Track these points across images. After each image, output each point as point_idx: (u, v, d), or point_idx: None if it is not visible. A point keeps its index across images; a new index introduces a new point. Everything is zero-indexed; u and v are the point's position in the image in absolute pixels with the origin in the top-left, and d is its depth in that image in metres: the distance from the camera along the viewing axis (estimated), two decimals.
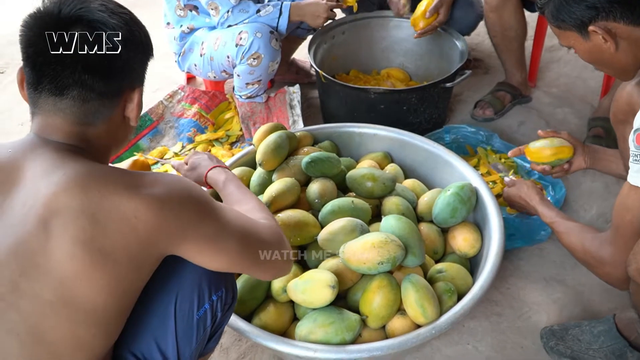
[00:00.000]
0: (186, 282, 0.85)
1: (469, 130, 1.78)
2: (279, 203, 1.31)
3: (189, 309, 0.85)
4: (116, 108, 0.80)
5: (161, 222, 0.74)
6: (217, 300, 0.88)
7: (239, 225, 0.85)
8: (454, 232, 1.34)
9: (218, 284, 0.88)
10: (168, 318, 0.84)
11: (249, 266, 0.87)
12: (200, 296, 0.86)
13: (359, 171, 1.42)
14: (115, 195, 0.72)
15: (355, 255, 1.13)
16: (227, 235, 0.81)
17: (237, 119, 2.01)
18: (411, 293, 1.11)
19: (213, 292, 0.87)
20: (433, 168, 1.53)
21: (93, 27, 0.75)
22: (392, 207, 1.35)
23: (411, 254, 1.16)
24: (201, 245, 0.79)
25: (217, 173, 1.13)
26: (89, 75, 0.75)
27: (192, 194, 0.78)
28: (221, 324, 0.94)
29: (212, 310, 0.88)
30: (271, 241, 0.89)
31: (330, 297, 1.10)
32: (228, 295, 0.91)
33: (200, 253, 0.80)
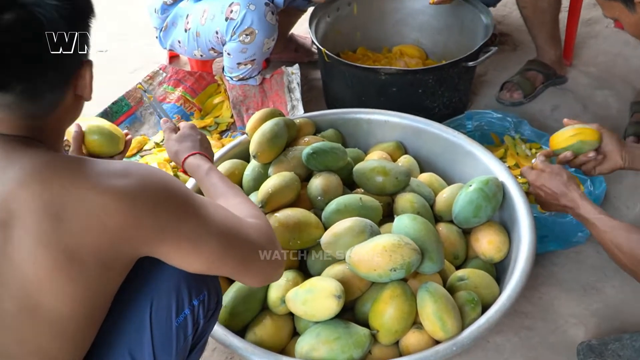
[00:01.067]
0: (162, 284, 0.86)
1: (495, 117, 1.78)
2: (276, 201, 1.30)
3: (166, 316, 0.85)
4: (68, 91, 0.80)
5: (134, 220, 0.74)
6: (198, 305, 0.88)
7: (222, 224, 0.85)
8: (478, 233, 1.34)
9: (199, 287, 0.88)
10: (143, 326, 0.84)
11: (232, 270, 0.87)
12: (179, 301, 0.86)
13: (368, 164, 1.41)
14: (80, 188, 0.72)
15: (364, 261, 1.13)
16: (208, 234, 0.82)
17: (227, 104, 2.00)
18: (428, 304, 1.11)
19: (194, 296, 0.88)
20: (453, 160, 1.52)
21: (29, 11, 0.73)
22: (406, 205, 1.34)
23: (428, 259, 1.16)
24: (179, 245, 0.79)
25: (200, 158, 1.12)
26: (34, 67, 0.75)
27: (170, 186, 0.78)
28: (204, 333, 0.94)
29: (193, 317, 0.88)
30: (260, 242, 0.90)
31: (335, 308, 1.10)
32: (211, 299, 0.91)
33: (178, 254, 0.80)
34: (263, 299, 1.22)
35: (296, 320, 1.21)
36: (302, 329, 1.18)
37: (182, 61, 2.29)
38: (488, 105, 1.98)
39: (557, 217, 1.46)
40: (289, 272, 1.25)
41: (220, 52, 1.88)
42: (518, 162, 1.70)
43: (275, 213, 1.29)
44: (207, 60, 2.10)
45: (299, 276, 1.25)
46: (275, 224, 1.26)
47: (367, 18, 2.09)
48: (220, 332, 1.12)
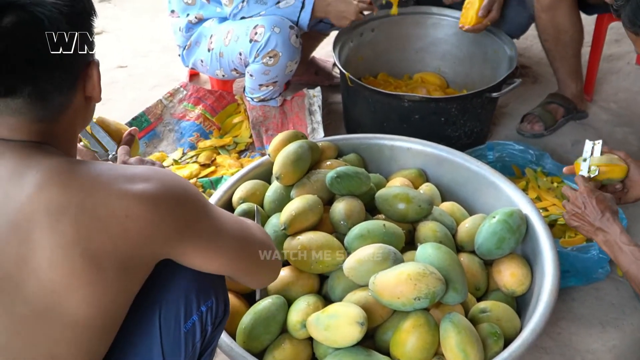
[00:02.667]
0: (170, 290, 0.86)
1: (516, 148, 1.79)
2: (300, 223, 1.31)
3: (175, 321, 0.86)
4: (77, 92, 0.81)
5: (156, 222, 0.75)
6: (206, 311, 0.89)
7: (235, 223, 0.88)
8: (500, 265, 1.34)
9: (207, 293, 0.89)
10: (153, 332, 0.84)
11: (246, 268, 0.90)
12: (187, 306, 0.86)
13: (391, 190, 1.43)
14: (101, 192, 0.73)
15: (388, 288, 1.13)
16: (225, 233, 0.85)
17: (246, 124, 2.02)
18: (452, 335, 1.11)
19: (202, 302, 0.88)
20: (475, 190, 1.53)
21: (29, 11, 0.73)
22: (428, 233, 1.35)
23: (452, 289, 1.16)
24: (199, 244, 0.81)
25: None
26: (40, 69, 0.75)
27: (187, 189, 0.80)
28: (212, 341, 0.94)
29: (201, 323, 0.88)
30: (266, 240, 0.93)
31: (357, 335, 1.10)
32: (219, 306, 0.91)
33: (197, 254, 0.82)
34: (283, 322, 1.22)
35: (315, 346, 1.21)
36: (321, 355, 1.18)
37: (203, 79, 2.32)
38: (508, 137, 2.00)
39: (579, 253, 1.47)
40: (310, 296, 1.25)
41: (243, 72, 1.90)
42: (540, 195, 1.70)
43: (297, 236, 1.30)
44: (228, 80, 2.12)
45: (319, 301, 1.25)
46: (298, 246, 1.27)
47: (390, 45, 2.12)
48: (240, 354, 1.12)
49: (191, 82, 2.25)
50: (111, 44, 2.67)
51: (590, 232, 1.26)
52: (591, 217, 1.25)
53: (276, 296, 1.24)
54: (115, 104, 2.26)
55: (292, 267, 1.31)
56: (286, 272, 1.30)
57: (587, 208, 1.25)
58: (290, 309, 1.23)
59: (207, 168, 1.89)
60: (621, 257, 1.18)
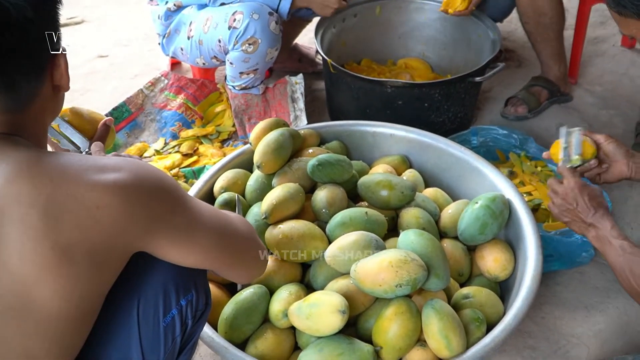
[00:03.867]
0: (149, 284, 0.85)
1: (500, 133, 1.79)
2: (281, 212, 1.31)
3: (154, 315, 0.85)
4: (45, 82, 0.80)
5: (128, 213, 0.74)
6: (186, 305, 0.88)
7: (213, 216, 0.86)
8: (483, 251, 1.35)
9: (187, 286, 0.88)
10: (131, 326, 0.84)
11: (227, 262, 0.89)
12: (166, 300, 0.86)
13: (373, 177, 1.42)
14: (71, 183, 0.72)
15: (369, 276, 1.13)
16: (203, 226, 0.83)
17: (229, 112, 2.01)
18: (434, 321, 1.11)
19: (181, 296, 0.88)
20: (459, 176, 1.54)
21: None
22: (411, 220, 1.35)
23: (434, 275, 1.17)
24: (175, 238, 0.80)
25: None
26: (6, 58, 0.73)
27: (162, 179, 0.79)
28: (193, 335, 0.94)
29: (181, 317, 0.88)
30: (248, 233, 0.91)
31: (339, 323, 1.10)
32: (200, 299, 0.91)
33: (173, 247, 0.80)
34: (264, 312, 1.22)
35: (298, 335, 1.21)
36: (304, 344, 1.18)
37: (184, 68, 2.30)
38: (493, 121, 2.00)
39: (563, 237, 1.47)
40: (292, 285, 1.25)
41: (223, 60, 1.89)
42: (523, 180, 1.71)
43: (279, 225, 1.29)
44: (209, 68, 2.10)
45: (301, 290, 1.25)
46: (279, 235, 1.26)
47: (373, 30, 2.11)
48: (221, 344, 1.12)
49: (173, 71, 2.23)
50: (91, 33, 2.64)
51: (582, 228, 1.25)
52: (583, 214, 1.24)
53: (258, 286, 1.24)
54: (96, 94, 2.23)
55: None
56: (269, 262, 1.29)
57: (579, 205, 1.24)
58: (272, 299, 1.23)
59: (189, 158, 1.88)
60: (610, 250, 1.18)
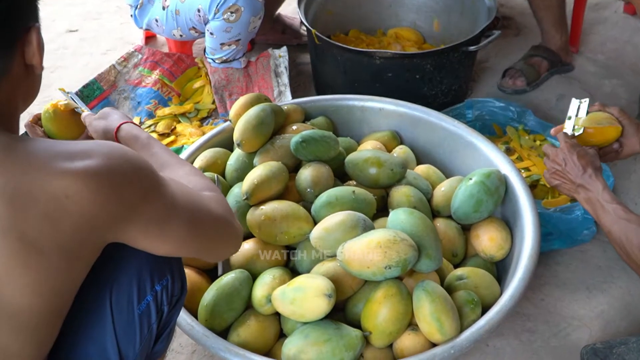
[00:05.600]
0: (121, 270, 0.86)
1: (497, 106, 1.79)
2: (263, 193, 1.30)
3: (127, 302, 0.86)
4: (15, 59, 0.77)
5: (99, 203, 0.73)
6: (161, 290, 0.89)
7: (187, 200, 0.85)
8: (478, 230, 1.35)
9: (161, 271, 0.89)
10: (104, 315, 0.85)
11: (201, 248, 0.89)
12: (140, 286, 0.87)
13: (361, 154, 1.42)
14: (39, 171, 0.71)
15: (356, 257, 1.13)
16: (176, 213, 0.82)
17: (208, 88, 1.99)
18: (425, 304, 1.11)
19: (156, 281, 0.88)
20: (452, 151, 1.53)
21: None
22: (402, 198, 1.35)
23: (425, 256, 1.17)
24: (148, 227, 0.79)
25: (135, 128, 1.10)
26: None
27: (135, 164, 0.78)
28: (169, 321, 0.95)
29: (156, 304, 0.89)
30: (222, 215, 0.91)
31: (325, 308, 1.10)
32: (175, 284, 0.92)
33: (146, 237, 0.80)
34: (247, 298, 1.22)
35: (283, 321, 1.21)
36: (289, 330, 1.18)
37: (160, 42, 2.27)
38: (489, 94, 1.99)
39: (563, 214, 1.48)
40: (275, 269, 1.25)
41: (202, 32, 1.86)
42: (521, 155, 1.71)
43: (261, 206, 1.29)
44: (186, 41, 2.08)
45: (286, 274, 1.25)
46: (261, 217, 1.26)
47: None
48: (201, 332, 1.12)
49: (147, 45, 2.20)
50: (60, 7, 2.60)
51: (571, 190, 1.25)
52: (572, 174, 1.23)
53: (239, 270, 1.24)
54: (65, 70, 2.21)
55: (256, 239, 1.30)
56: (250, 245, 1.30)
57: (568, 165, 1.23)
58: (255, 284, 1.23)
59: (166, 138, 1.86)
60: (603, 216, 1.18)
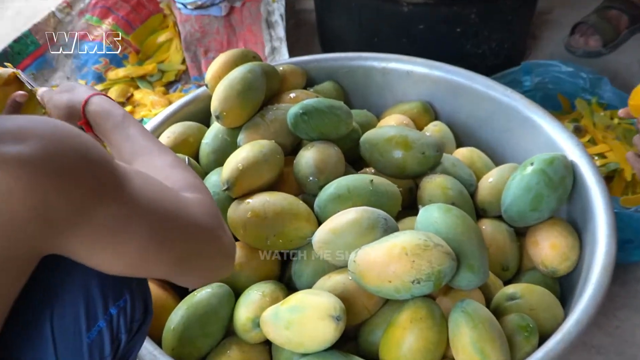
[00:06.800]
0: (65, 287, 0.86)
1: (564, 71, 1.80)
2: (249, 182, 1.31)
3: (74, 330, 0.86)
4: None
5: (34, 201, 0.72)
6: (117, 314, 0.89)
7: (156, 203, 0.84)
8: (536, 234, 1.36)
9: (118, 290, 0.89)
10: (44, 346, 0.85)
11: (170, 268, 0.88)
12: (89, 309, 0.87)
13: (383, 132, 1.43)
14: None
15: (375, 269, 1.14)
16: (138, 219, 0.81)
17: (177, 43, 2.01)
18: (465, 331, 1.12)
19: (110, 303, 0.89)
20: (504, 130, 1.54)
21: None
22: (436, 191, 1.36)
23: (466, 267, 1.17)
24: (98, 237, 0.78)
25: (109, 101, 1.12)
26: None
27: (84, 149, 0.76)
28: (129, 353, 0.96)
29: (111, 331, 0.89)
30: (207, 225, 0.90)
31: (332, 334, 1.11)
32: (136, 306, 0.92)
33: (96, 250, 0.79)
34: (227, 321, 1.23)
35: (275, 352, 1.22)
36: None
37: None
38: (554, 55, 2.00)
39: None
40: (266, 283, 1.26)
41: None
42: (594, 137, 1.72)
43: (247, 199, 1.29)
44: None
45: (279, 290, 1.26)
46: (248, 214, 1.27)
47: None
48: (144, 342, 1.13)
49: None
50: None
51: None
52: None
53: (218, 284, 1.25)
54: None
55: (240, 244, 1.31)
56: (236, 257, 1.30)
57: None
58: (238, 302, 1.24)
59: None
60: None
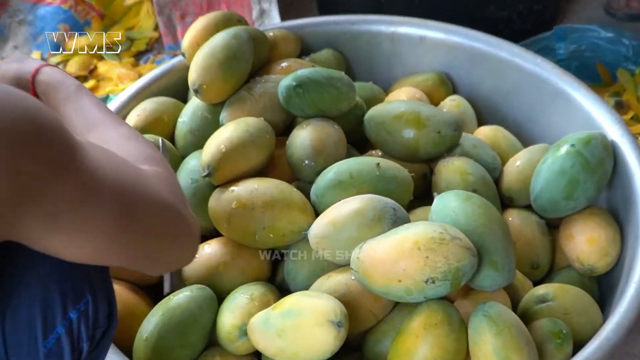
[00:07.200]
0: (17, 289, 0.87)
1: (602, 37, 1.81)
2: (235, 165, 1.32)
3: (28, 337, 0.88)
4: None
5: None
6: (77, 318, 0.91)
7: (116, 177, 0.86)
8: (571, 226, 1.37)
9: (78, 291, 0.91)
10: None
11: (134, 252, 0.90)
12: (46, 314, 0.88)
13: (391, 108, 1.44)
14: None
15: (382, 266, 1.14)
16: (100, 197, 0.83)
17: (148, 7, 2.03)
18: (488, 338, 1.12)
19: (70, 305, 0.90)
20: (534, 105, 1.56)
21: None
22: (454, 177, 1.37)
23: (489, 264, 1.18)
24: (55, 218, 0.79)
25: (60, 72, 1.15)
26: None
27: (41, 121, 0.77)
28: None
29: (71, 338, 0.90)
30: (168, 200, 0.92)
31: (332, 343, 1.11)
32: (99, 309, 0.93)
33: (52, 233, 0.80)
34: (209, 329, 1.24)
35: None
36: None
37: None
38: (591, 19, 2.01)
39: None
40: (254, 285, 1.27)
41: None
42: (638, 113, 1.72)
43: (231, 186, 1.30)
44: None
45: (269, 292, 1.27)
46: (233, 203, 1.28)
47: None
48: None
49: None
50: None
51: None
52: None
53: (198, 287, 1.26)
54: None
55: (223, 239, 1.33)
56: (214, 248, 1.32)
57: None
58: (222, 307, 1.24)
59: (83, 82, 1.88)
60: None
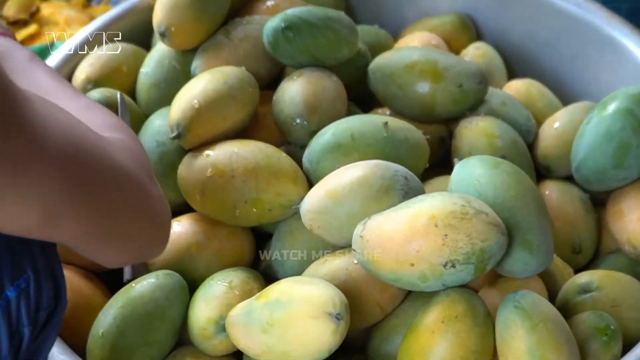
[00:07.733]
0: None
1: None
2: (209, 125, 1.34)
3: None
4: None
5: None
6: (17, 297, 0.92)
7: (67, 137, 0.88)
8: (622, 202, 1.38)
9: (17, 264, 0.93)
10: None
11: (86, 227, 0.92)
12: None
13: (401, 56, 1.46)
14: None
15: (390, 247, 1.15)
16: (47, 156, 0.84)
17: None
18: (520, 334, 1.13)
19: (6, 281, 0.92)
20: (576, 55, 1.59)
21: None
22: (479, 140, 1.39)
23: (522, 245, 1.19)
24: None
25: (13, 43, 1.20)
26: None
27: None
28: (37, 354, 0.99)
29: (9, 322, 0.93)
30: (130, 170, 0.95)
31: (330, 339, 1.12)
32: (42, 287, 0.95)
33: None
34: (180, 323, 1.26)
35: None
36: None
37: None
38: None
39: None
40: (234, 271, 1.29)
41: None
42: None
43: (206, 150, 1.32)
44: None
45: (252, 279, 1.28)
46: (207, 172, 1.29)
47: None
48: None
49: None
50: None
51: None
52: None
53: (165, 272, 1.28)
54: None
55: (196, 215, 1.35)
56: (185, 226, 1.34)
57: None
58: (195, 297, 1.26)
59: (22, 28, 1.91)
60: None
